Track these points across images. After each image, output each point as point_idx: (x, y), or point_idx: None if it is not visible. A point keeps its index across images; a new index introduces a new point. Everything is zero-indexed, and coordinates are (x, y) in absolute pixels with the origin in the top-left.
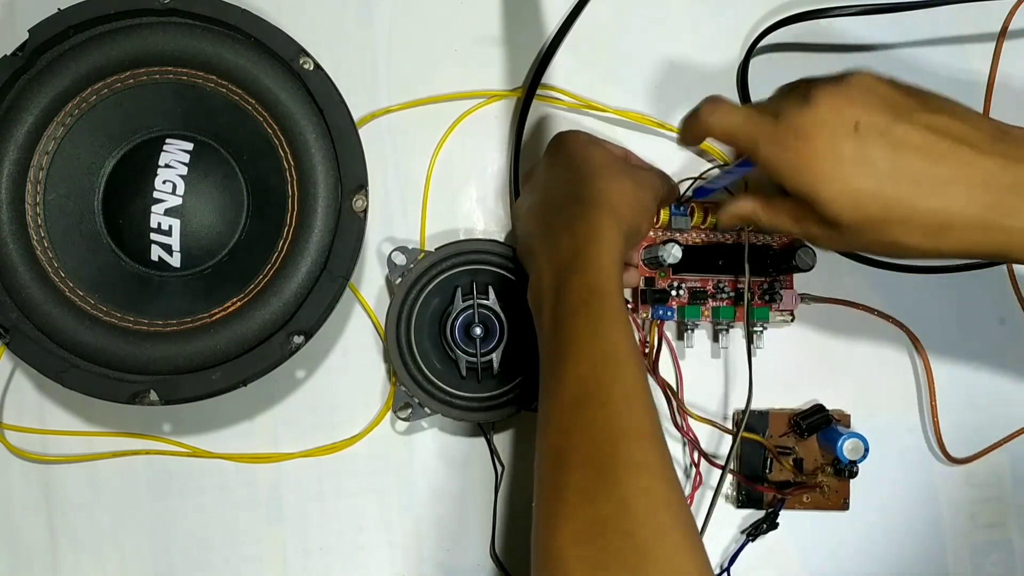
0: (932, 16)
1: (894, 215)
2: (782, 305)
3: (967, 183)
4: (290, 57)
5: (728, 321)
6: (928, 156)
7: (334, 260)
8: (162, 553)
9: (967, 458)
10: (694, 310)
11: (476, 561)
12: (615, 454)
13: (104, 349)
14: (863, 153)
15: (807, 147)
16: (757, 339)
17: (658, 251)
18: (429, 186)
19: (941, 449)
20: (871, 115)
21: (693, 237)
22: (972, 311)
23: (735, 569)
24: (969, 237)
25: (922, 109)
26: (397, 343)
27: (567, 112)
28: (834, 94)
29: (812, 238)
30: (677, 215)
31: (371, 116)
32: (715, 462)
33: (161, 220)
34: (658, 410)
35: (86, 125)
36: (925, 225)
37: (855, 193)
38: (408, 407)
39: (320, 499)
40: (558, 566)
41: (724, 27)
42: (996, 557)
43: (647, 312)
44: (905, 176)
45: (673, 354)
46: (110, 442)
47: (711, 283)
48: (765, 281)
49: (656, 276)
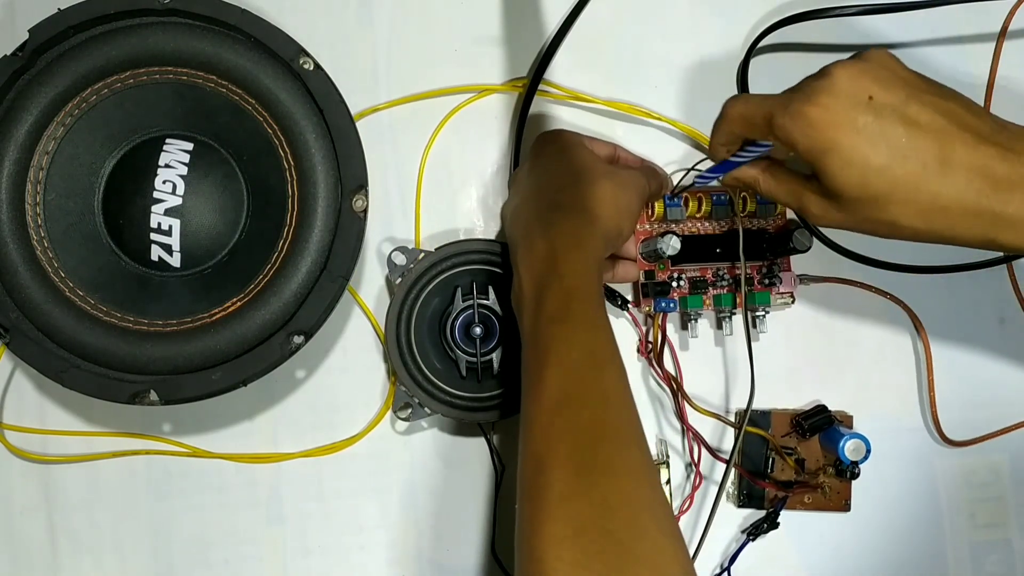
0: (932, 16)
1: (897, 194)
2: (782, 287)
3: (967, 169)
4: (290, 57)
5: (730, 308)
6: (937, 138)
7: (334, 260)
8: (162, 553)
9: (966, 441)
10: (696, 299)
11: (476, 561)
12: (596, 456)
13: (104, 349)
14: (877, 127)
15: (823, 115)
16: (759, 323)
17: (657, 243)
18: (422, 182)
19: (940, 433)
20: (886, 90)
21: (689, 227)
22: (972, 311)
23: (736, 569)
24: (961, 222)
25: (933, 92)
26: (397, 343)
27: (567, 108)
28: (851, 67)
29: (807, 211)
30: (671, 206)
31: (369, 111)
32: (719, 455)
33: (161, 220)
34: (662, 405)
35: (86, 125)
36: (924, 207)
37: (864, 166)
38: (408, 407)
39: (320, 499)
40: (540, 566)
41: (724, 27)
42: (996, 557)
43: (649, 306)
44: (914, 155)
45: (672, 349)
46: (110, 442)
47: (710, 271)
48: (763, 265)
49: (656, 269)
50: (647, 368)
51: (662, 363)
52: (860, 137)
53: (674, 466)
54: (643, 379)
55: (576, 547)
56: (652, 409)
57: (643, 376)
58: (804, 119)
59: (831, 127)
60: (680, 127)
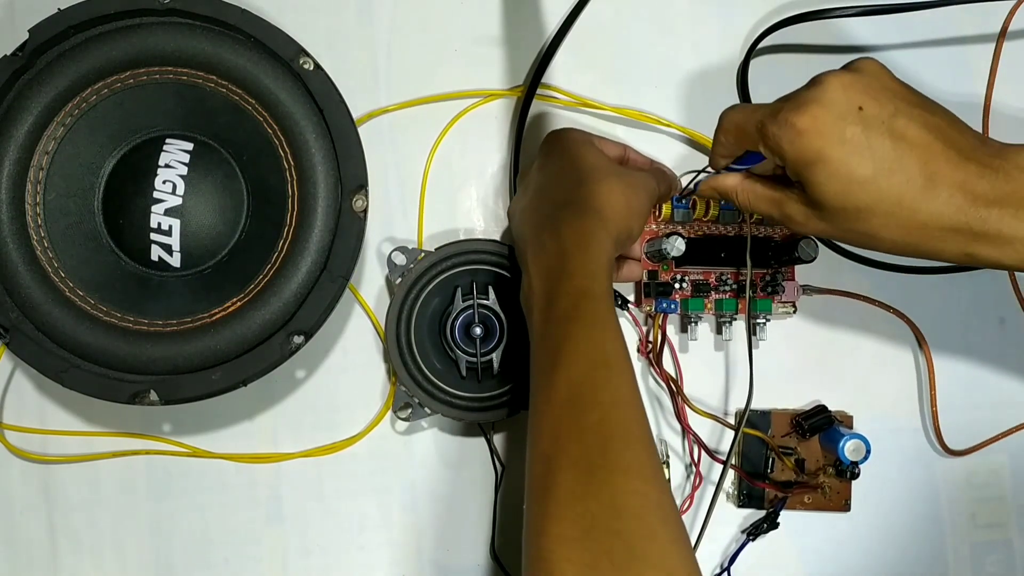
0: (932, 17)
1: (880, 207)
2: (784, 297)
3: (950, 185)
4: (290, 57)
5: (731, 313)
6: (923, 154)
7: (334, 260)
8: (162, 553)
9: (966, 450)
10: (697, 303)
11: (476, 561)
12: (604, 456)
13: (104, 349)
14: (865, 139)
15: (811, 125)
16: (760, 331)
17: (661, 244)
18: (426, 185)
19: (940, 443)
20: (876, 102)
21: (695, 230)
22: (972, 311)
23: (736, 570)
24: (941, 237)
25: (921, 106)
26: (397, 343)
27: (567, 111)
28: (842, 77)
29: (790, 219)
30: (679, 208)
31: (369, 115)
32: (716, 457)
33: (161, 220)
34: (661, 405)
35: (86, 125)
36: (905, 221)
37: (849, 178)
38: (408, 407)
39: (320, 499)
40: (547, 566)
41: (725, 27)
42: (996, 557)
43: (650, 305)
44: (900, 169)
45: (672, 350)
46: (110, 442)
47: (714, 276)
48: (767, 273)
49: (659, 269)
50: (647, 368)
51: (661, 363)
52: (847, 148)
53: (674, 466)
54: (643, 379)
55: (583, 548)
56: (652, 409)
57: (643, 376)
58: (792, 128)
59: (819, 137)
60: (677, 127)
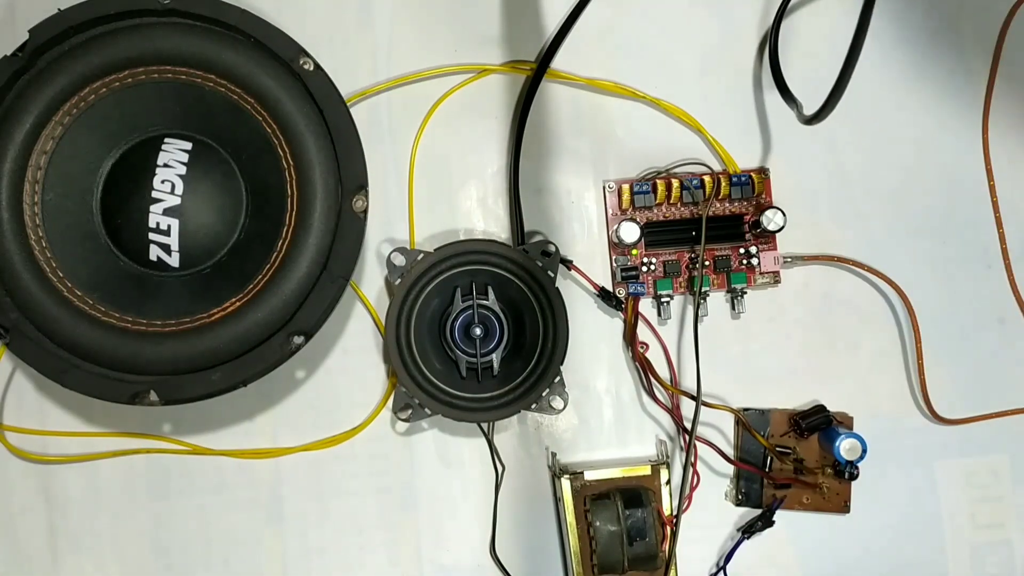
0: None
1: None
2: (763, 268)
3: None
4: (290, 57)
5: (707, 290)
6: None
7: (334, 261)
8: (162, 553)
9: (960, 419)
10: (665, 283)
11: (476, 561)
12: None
13: (104, 349)
14: None
15: None
16: (738, 304)
17: (618, 232)
18: (413, 170)
19: (929, 411)
20: None
21: (662, 213)
22: (972, 311)
23: (735, 570)
24: None
25: None
26: (397, 344)
27: (567, 107)
28: None
29: None
30: (640, 193)
31: (360, 94)
32: (685, 427)
33: (160, 220)
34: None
35: (85, 124)
36: None
37: None
38: (408, 408)
39: (320, 499)
40: None
41: (725, 27)
42: (996, 558)
43: (624, 289)
44: None
45: (655, 332)
46: (110, 442)
47: (687, 256)
48: (742, 246)
49: (628, 254)
50: (625, 350)
51: (636, 346)
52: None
53: (674, 467)
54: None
55: None
56: (652, 409)
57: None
58: None
59: None
60: (668, 108)
